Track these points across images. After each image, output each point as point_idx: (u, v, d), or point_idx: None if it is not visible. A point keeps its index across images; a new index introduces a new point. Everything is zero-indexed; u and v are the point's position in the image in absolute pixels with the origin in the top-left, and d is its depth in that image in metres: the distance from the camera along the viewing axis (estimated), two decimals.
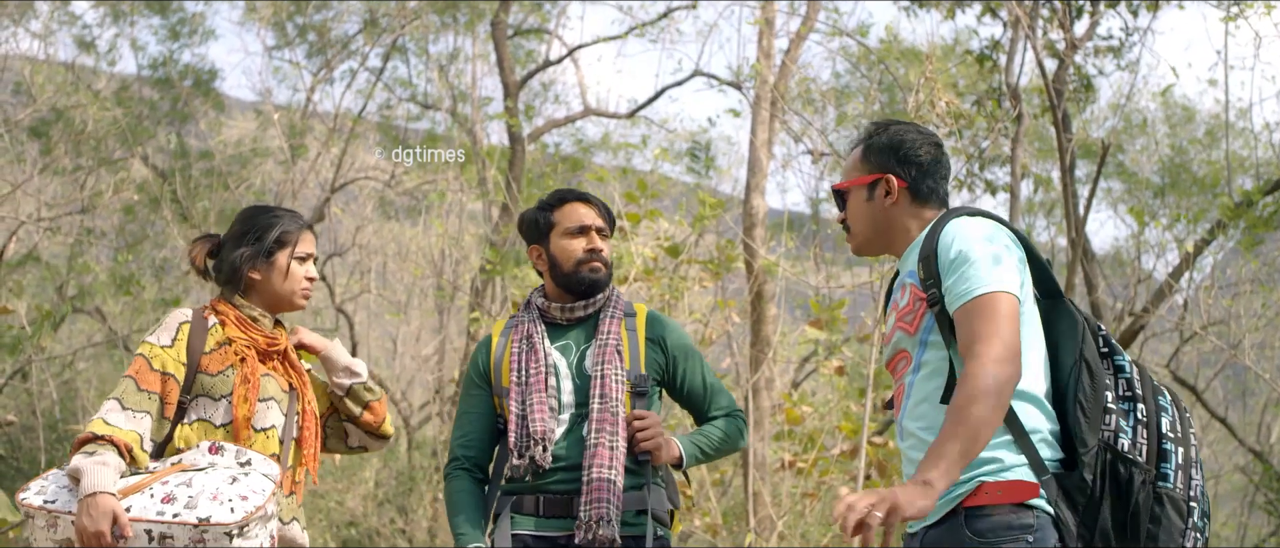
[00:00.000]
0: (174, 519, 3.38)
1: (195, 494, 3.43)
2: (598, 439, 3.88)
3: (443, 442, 13.72)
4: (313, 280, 3.98)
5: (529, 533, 3.93)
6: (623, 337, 4.04)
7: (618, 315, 4.09)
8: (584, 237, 4.10)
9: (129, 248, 14.82)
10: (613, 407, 3.92)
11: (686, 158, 16.90)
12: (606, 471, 3.84)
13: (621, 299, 4.16)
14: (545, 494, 3.94)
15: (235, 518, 3.39)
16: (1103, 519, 3.08)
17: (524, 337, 4.07)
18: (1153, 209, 16.69)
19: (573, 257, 4.08)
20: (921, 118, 8.31)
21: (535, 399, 3.95)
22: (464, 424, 4.17)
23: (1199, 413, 19.08)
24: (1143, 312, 9.58)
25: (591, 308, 4.09)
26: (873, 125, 3.51)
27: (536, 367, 4.00)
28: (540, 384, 3.98)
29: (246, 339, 3.82)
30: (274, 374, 3.86)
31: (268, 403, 3.82)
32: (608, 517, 3.79)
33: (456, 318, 17.12)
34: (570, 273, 4.08)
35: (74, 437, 11.88)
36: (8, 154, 14.15)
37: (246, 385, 3.76)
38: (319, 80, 17.38)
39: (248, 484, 3.50)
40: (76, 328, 16.91)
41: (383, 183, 17.41)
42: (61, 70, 15.14)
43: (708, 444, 4.08)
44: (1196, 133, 18.25)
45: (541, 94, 18.53)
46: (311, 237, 4.00)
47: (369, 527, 14.60)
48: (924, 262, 3.23)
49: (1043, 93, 10.78)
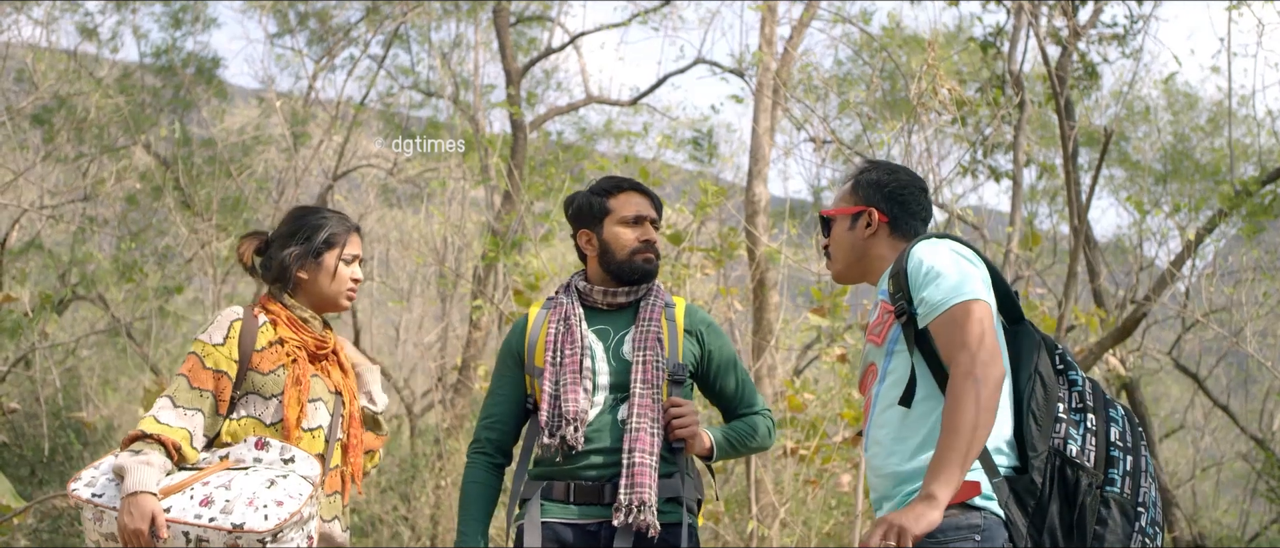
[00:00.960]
0: (210, 524, 3.47)
1: (232, 498, 3.50)
2: (639, 424, 3.87)
3: (445, 430, 13.74)
4: (358, 282, 4.04)
5: (559, 521, 3.90)
6: (663, 326, 4.03)
7: (658, 305, 4.09)
8: (639, 227, 4.11)
9: (132, 236, 14.83)
10: (654, 393, 3.92)
11: (689, 145, 16.90)
12: (647, 456, 3.83)
13: (661, 290, 4.16)
14: (577, 481, 3.92)
15: (268, 526, 3.46)
16: (1051, 520, 3.23)
17: (561, 318, 4.06)
18: (1155, 196, 16.69)
19: (628, 245, 4.09)
20: (924, 105, 8.30)
21: (568, 379, 3.94)
22: (491, 404, 4.16)
23: (1201, 400, 19.10)
24: (1145, 299, 9.58)
25: (634, 295, 4.10)
26: (867, 162, 3.76)
27: (572, 348, 3.99)
28: (574, 365, 3.97)
29: (298, 340, 3.89)
30: (322, 376, 3.93)
31: (315, 404, 3.89)
32: (648, 502, 3.77)
33: (459, 306, 17.13)
34: (624, 261, 4.09)
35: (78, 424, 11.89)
36: (10, 142, 14.16)
37: (298, 388, 3.83)
38: (321, 68, 17.39)
39: (285, 488, 3.56)
40: (79, 316, 16.93)
41: (385, 171, 17.41)
42: (64, 58, 15.13)
43: (737, 439, 4.10)
44: (1199, 120, 18.23)
45: (544, 82, 18.54)
46: (359, 239, 4.06)
47: (371, 515, 14.62)
48: (894, 278, 3.42)
49: (1046, 80, 10.77)
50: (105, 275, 14.06)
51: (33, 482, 13.07)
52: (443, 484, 12.02)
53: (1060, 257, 16.20)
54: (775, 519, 9.09)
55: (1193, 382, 16.01)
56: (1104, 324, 9.95)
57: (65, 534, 12.16)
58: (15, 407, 11.24)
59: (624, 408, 3.94)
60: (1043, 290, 14.16)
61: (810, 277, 13.25)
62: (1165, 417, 19.53)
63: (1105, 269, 13.78)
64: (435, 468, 13.33)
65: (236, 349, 3.81)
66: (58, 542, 12.23)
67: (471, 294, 14.10)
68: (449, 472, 11.70)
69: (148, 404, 8.77)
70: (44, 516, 12.10)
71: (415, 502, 14.02)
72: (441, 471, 12.41)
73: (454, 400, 14.16)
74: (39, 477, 13.20)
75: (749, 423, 4.15)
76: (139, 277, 13.99)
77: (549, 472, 3.97)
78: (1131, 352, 12.83)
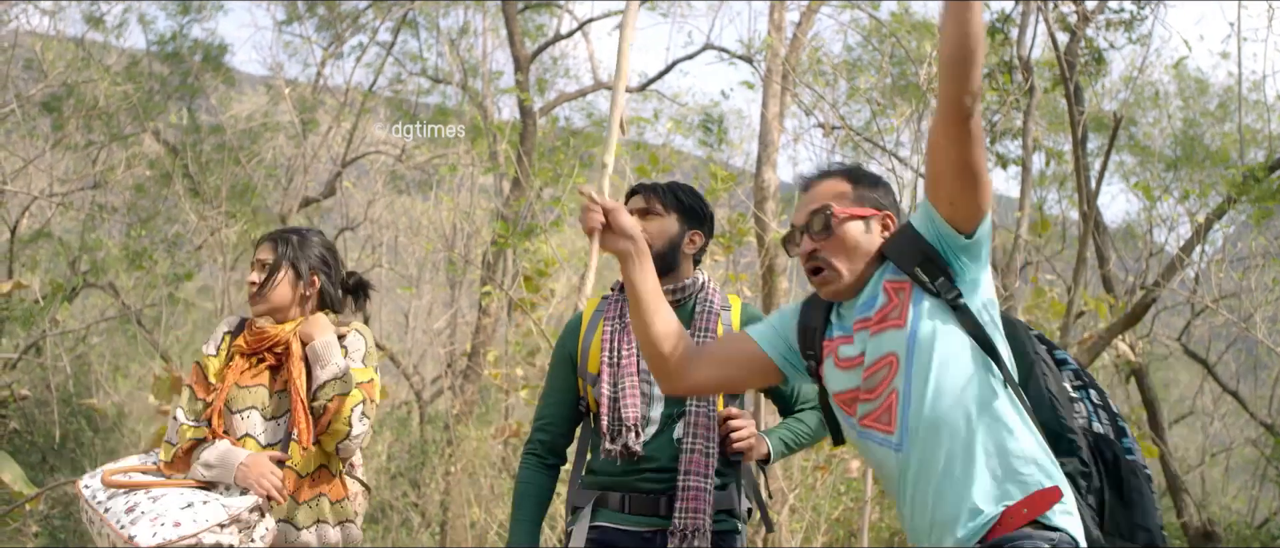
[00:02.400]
0: (119, 529, 3.71)
1: (146, 511, 3.75)
2: (693, 445, 3.82)
3: (454, 416, 13.76)
4: (253, 284, 4.18)
5: (613, 526, 3.87)
6: (717, 332, 3.94)
7: (713, 310, 3.99)
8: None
9: (141, 223, 14.87)
10: (707, 410, 3.85)
11: (698, 131, 16.89)
12: (701, 480, 3.78)
13: (716, 290, 4.06)
14: (632, 492, 3.87)
15: (152, 542, 3.63)
16: (1110, 508, 3.03)
17: (617, 316, 4.01)
18: (1165, 182, 16.65)
19: None
20: (933, 91, 8.29)
21: (628, 384, 3.87)
22: (544, 405, 4.12)
23: (1210, 386, 19.08)
24: (1154, 285, 9.57)
25: (679, 294, 3.98)
26: (851, 166, 3.31)
27: (629, 349, 3.92)
28: (633, 368, 3.89)
29: (242, 343, 4.13)
30: (263, 379, 4.07)
31: (245, 413, 4.03)
32: (702, 528, 3.73)
33: (468, 292, 17.16)
34: None
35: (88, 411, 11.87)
36: (20, 130, 14.19)
37: (221, 382, 4.08)
38: (329, 55, 17.40)
39: (195, 512, 3.74)
40: (89, 303, 16.98)
41: (394, 157, 17.42)
42: (71, 46, 15.15)
43: (794, 439, 4.05)
44: (1209, 106, 18.19)
45: (552, 68, 18.53)
46: (264, 246, 4.24)
47: (382, 500, 14.67)
48: (912, 251, 3.01)
49: (1054, 66, 10.75)
50: (115, 263, 14.10)
51: (44, 468, 13.12)
52: (452, 470, 12.05)
53: (1069, 243, 16.19)
54: (784, 505, 9.11)
55: (1202, 368, 16.01)
56: (1113, 310, 9.94)
57: (76, 520, 12.21)
58: (26, 394, 11.28)
59: (680, 426, 3.87)
60: (1052, 276, 14.15)
61: None
62: (1174, 403, 19.52)
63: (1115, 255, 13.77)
64: (445, 454, 13.36)
65: (223, 358, 4.14)
66: (69, 528, 12.28)
67: (480, 280, 14.12)
68: (458, 458, 11.73)
69: (158, 391, 8.79)
70: (55, 502, 12.15)
71: (425, 488, 14.06)
72: (451, 457, 12.44)
73: (463, 387, 14.18)
74: (50, 463, 13.25)
75: (801, 420, 4.09)
76: (149, 264, 14.03)
77: (604, 481, 3.92)
78: (1141, 338, 12.83)
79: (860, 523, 8.39)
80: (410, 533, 13.89)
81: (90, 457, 13.25)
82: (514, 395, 11.86)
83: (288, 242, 4.19)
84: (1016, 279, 10.32)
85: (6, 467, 8.14)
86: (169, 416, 4.01)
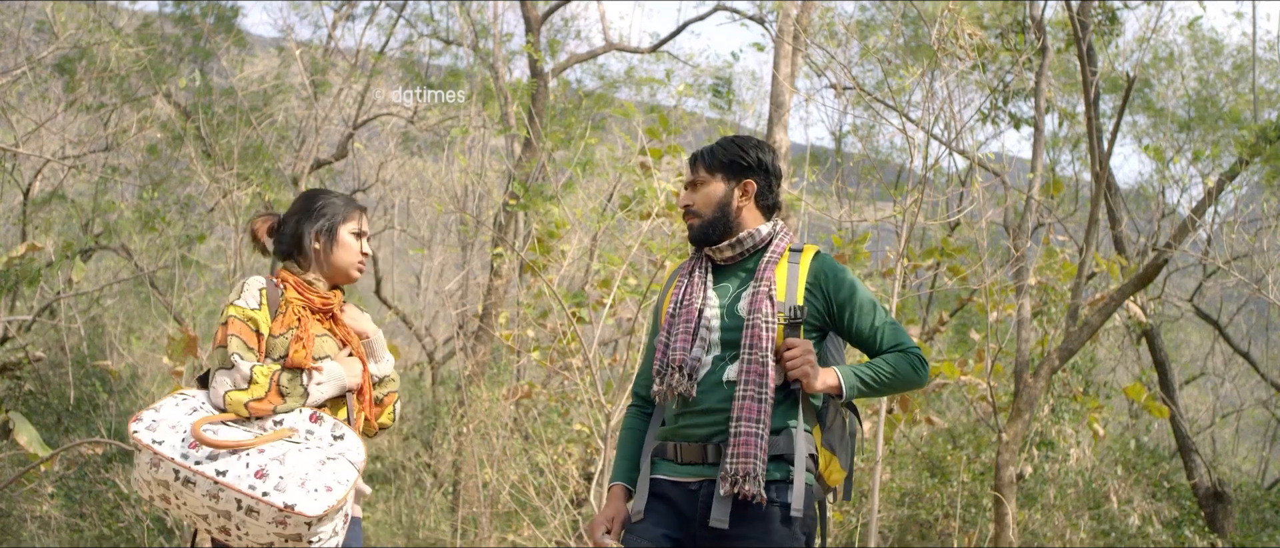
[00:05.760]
0: (262, 497, 3.56)
1: (286, 475, 3.62)
2: (745, 391, 3.83)
3: (466, 377, 13.80)
4: (366, 256, 4.27)
5: (666, 478, 3.94)
6: (779, 278, 3.99)
7: (776, 257, 4.03)
8: (681, 196, 4.19)
9: (154, 185, 14.90)
10: (761, 357, 3.85)
11: (710, 93, 16.87)
12: (753, 425, 3.79)
13: (788, 238, 4.12)
14: (683, 442, 3.93)
15: (317, 511, 3.57)
16: None
17: (688, 272, 4.12)
18: (1178, 143, 16.61)
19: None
20: (945, 51, 8.27)
21: (680, 329, 3.97)
22: (642, 363, 4.26)
23: (1221, 347, 19.08)
24: (1166, 246, 9.55)
25: (740, 249, 4.07)
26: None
27: (690, 301, 4.03)
28: (689, 316, 3.99)
29: (302, 300, 4.08)
30: (329, 335, 4.09)
31: (324, 361, 4.03)
32: (754, 473, 3.74)
33: (480, 253, 17.18)
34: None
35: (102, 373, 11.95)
36: (32, 92, 14.20)
37: (299, 342, 3.98)
38: (340, 16, 17.38)
39: (335, 472, 3.69)
40: (103, 265, 17.03)
41: (405, 119, 17.42)
42: (83, 8, 15.15)
43: (874, 377, 3.92)
44: (1223, 66, 18.10)
45: (563, 30, 18.49)
46: (364, 217, 4.30)
47: (395, 461, 14.74)
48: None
49: (1067, 26, 10.71)
50: (128, 225, 14.14)
51: (59, 430, 13.20)
52: (464, 431, 12.08)
53: (1082, 204, 16.17)
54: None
55: (1213, 329, 16.01)
56: (1125, 271, 9.94)
57: (91, 481, 12.28)
58: (41, 356, 11.32)
59: (732, 369, 3.90)
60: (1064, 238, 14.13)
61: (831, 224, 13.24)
62: (1186, 364, 19.52)
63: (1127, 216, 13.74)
64: (457, 415, 13.40)
65: (268, 313, 4.02)
66: (84, 489, 12.36)
67: (492, 242, 14.14)
68: (471, 418, 11.77)
69: (172, 352, 8.83)
70: (70, 463, 12.23)
71: (437, 449, 14.12)
72: (463, 417, 12.47)
73: (475, 348, 14.22)
74: (65, 425, 13.32)
75: (887, 360, 3.97)
76: (161, 226, 14.07)
77: (663, 431, 4.03)
78: (1152, 299, 12.82)
79: (871, 484, 8.43)
80: (422, 494, 13.96)
81: (104, 418, 13.31)
82: (526, 357, 11.90)
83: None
84: (1028, 240, 10.31)
85: (22, 429, 8.21)
86: (211, 371, 3.90)
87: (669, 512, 3.90)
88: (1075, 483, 11.66)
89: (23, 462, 10.94)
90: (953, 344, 14.32)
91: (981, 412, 11.35)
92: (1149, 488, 12.69)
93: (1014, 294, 9.92)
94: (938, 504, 11.51)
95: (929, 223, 10.87)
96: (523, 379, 13.40)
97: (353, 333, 4.14)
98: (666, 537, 3.88)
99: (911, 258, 9.72)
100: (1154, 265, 9.12)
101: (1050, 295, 10.59)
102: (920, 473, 12.02)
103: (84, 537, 12.06)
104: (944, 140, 9.36)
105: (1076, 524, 11.39)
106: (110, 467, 12.14)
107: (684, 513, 3.88)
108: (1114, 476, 12.19)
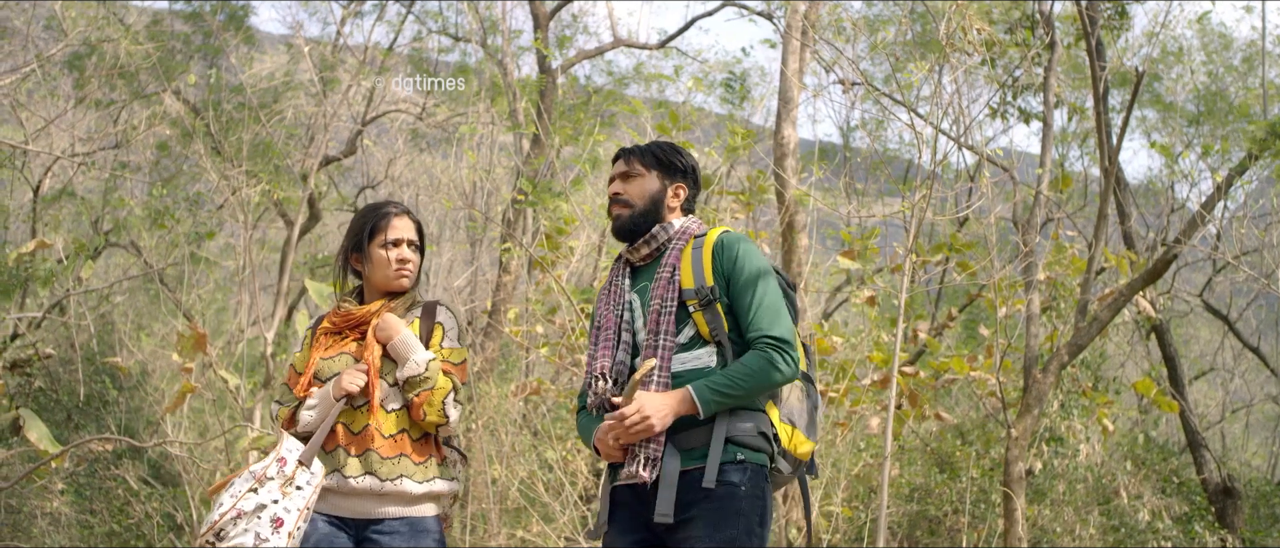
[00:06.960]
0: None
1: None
2: (648, 380, 3.90)
3: (475, 373, 13.81)
4: (405, 262, 4.39)
5: (622, 484, 3.97)
6: (685, 265, 4.04)
7: (679, 246, 4.11)
8: (610, 185, 4.27)
9: (163, 182, 14.92)
10: (660, 342, 3.93)
11: (719, 89, 16.85)
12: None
13: (695, 227, 4.19)
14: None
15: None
16: None
17: (607, 283, 4.23)
18: (1187, 138, 16.57)
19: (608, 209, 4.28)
20: (954, 46, 8.26)
21: (602, 338, 4.09)
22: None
23: (1231, 343, 19.04)
24: (1175, 241, 9.54)
25: (654, 245, 4.16)
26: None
27: (607, 310, 4.14)
28: (609, 323, 4.10)
29: (328, 324, 4.37)
30: (346, 351, 4.31)
31: (317, 389, 4.31)
32: (654, 458, 3.80)
33: (488, 250, 17.19)
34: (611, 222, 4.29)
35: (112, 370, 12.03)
36: (41, 89, 14.22)
37: (295, 377, 4.34)
38: (349, 13, 17.38)
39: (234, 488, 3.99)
40: (112, 262, 17.06)
41: (414, 116, 17.43)
42: (92, 5, 15.16)
43: (730, 384, 3.82)
44: (1233, 61, 18.05)
45: (572, 25, 18.48)
46: (403, 221, 4.43)
47: None
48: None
49: (1076, 20, 10.69)
50: (137, 222, 14.16)
51: (69, 426, 13.22)
52: (473, 427, 12.08)
53: (1091, 199, 16.13)
54: None
55: (1223, 324, 15.99)
56: (1134, 266, 9.93)
57: (101, 478, 12.30)
58: (51, 353, 11.36)
59: (638, 361, 3.99)
60: (1073, 233, 14.13)
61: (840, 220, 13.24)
62: (1195, 359, 19.49)
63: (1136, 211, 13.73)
64: (466, 411, 13.41)
65: (308, 352, 4.37)
66: (94, 485, 12.38)
67: (501, 238, 14.14)
68: (479, 415, 11.77)
69: (181, 349, 8.87)
70: (80, 460, 12.25)
71: None
72: (472, 414, 12.48)
73: (484, 344, 14.23)
74: (74, 421, 13.35)
75: (744, 362, 3.86)
76: (171, 223, 14.09)
77: None
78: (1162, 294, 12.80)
79: (880, 479, 8.43)
80: None
81: (114, 415, 13.33)
82: (534, 353, 11.90)
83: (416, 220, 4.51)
84: (1037, 235, 10.30)
85: (33, 426, 8.24)
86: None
87: (629, 517, 3.96)
88: (1084, 479, 11.65)
89: (33, 458, 10.97)
90: (961, 340, 14.33)
91: (990, 407, 11.34)
92: (1159, 483, 12.68)
93: (1023, 289, 9.91)
94: (947, 500, 11.50)
95: (938, 218, 10.87)
96: (531, 375, 13.42)
97: (369, 345, 4.24)
98: (634, 545, 3.93)
99: (920, 253, 9.71)
100: (1163, 260, 9.11)
101: (1059, 291, 10.58)
102: (929, 469, 12.01)
103: (94, 533, 12.08)
104: (953, 136, 9.36)
105: (1086, 520, 11.38)
106: (120, 463, 12.17)
107: (640, 514, 3.92)
108: (1123, 471, 12.18)
